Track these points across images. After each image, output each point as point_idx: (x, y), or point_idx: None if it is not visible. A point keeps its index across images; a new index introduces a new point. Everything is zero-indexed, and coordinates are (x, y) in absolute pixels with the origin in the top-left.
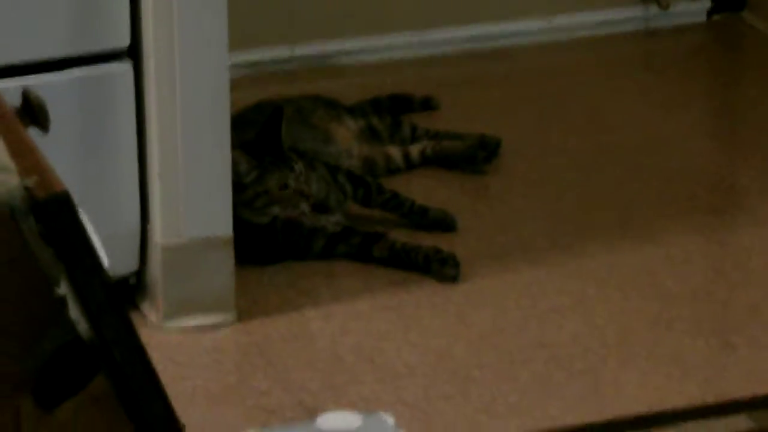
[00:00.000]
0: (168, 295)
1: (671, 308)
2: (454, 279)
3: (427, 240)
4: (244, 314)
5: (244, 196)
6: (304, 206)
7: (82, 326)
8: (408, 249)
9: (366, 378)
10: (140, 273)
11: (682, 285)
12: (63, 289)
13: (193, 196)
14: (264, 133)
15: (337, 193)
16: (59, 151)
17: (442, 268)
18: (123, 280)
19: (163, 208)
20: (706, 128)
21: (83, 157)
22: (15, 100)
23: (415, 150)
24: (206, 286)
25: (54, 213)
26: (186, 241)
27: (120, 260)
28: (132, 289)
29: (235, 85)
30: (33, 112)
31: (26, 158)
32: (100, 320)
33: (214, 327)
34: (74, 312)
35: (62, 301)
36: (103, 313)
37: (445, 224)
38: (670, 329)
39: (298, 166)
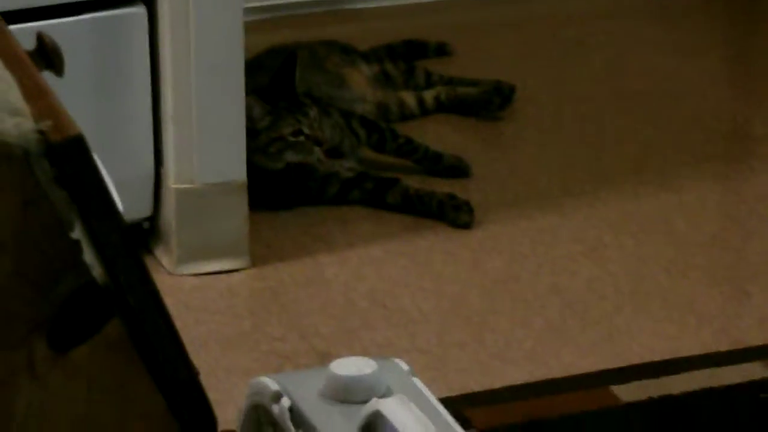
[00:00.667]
0: (182, 240)
1: (686, 256)
2: (468, 225)
3: (440, 186)
4: (257, 260)
5: (258, 141)
6: (318, 152)
7: (97, 270)
8: (422, 195)
9: (380, 324)
10: (154, 218)
11: (697, 232)
12: (77, 233)
13: (206, 141)
14: (278, 78)
15: (350, 138)
16: (73, 95)
17: (456, 214)
18: (137, 225)
19: (177, 153)
20: (722, 76)
21: (97, 100)
22: (30, 44)
23: (429, 96)
24: (220, 231)
25: (68, 156)
26: (200, 186)
27: (134, 205)
28: (146, 234)
29: (249, 29)
30: (47, 55)
31: (40, 102)
32: (114, 264)
33: (228, 272)
34: (89, 256)
35: (77, 245)
36: (118, 257)
37: (459, 170)
38: (684, 277)
39: (313, 112)
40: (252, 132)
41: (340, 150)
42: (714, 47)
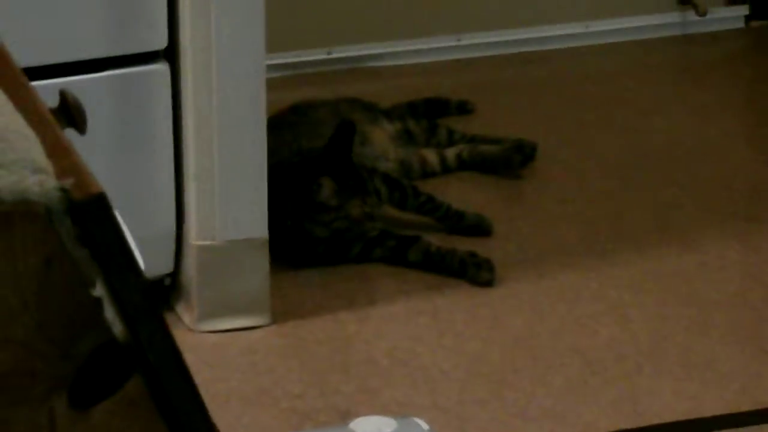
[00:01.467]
0: (203, 296)
1: (707, 315)
2: (489, 283)
3: (462, 244)
4: (278, 317)
5: (322, 216)
6: (368, 226)
7: (118, 328)
8: (443, 253)
9: (400, 382)
10: (175, 274)
11: (718, 292)
12: (99, 290)
13: (228, 198)
14: (334, 145)
15: (373, 197)
16: (96, 152)
17: (477, 272)
18: (158, 282)
19: (199, 210)
20: (743, 135)
21: (120, 157)
22: (53, 101)
23: (451, 153)
24: (241, 288)
25: (90, 214)
26: (221, 243)
27: (155, 261)
28: (167, 291)
29: (271, 86)
30: (70, 112)
31: (63, 159)
32: (135, 322)
33: (249, 329)
34: (110, 313)
35: (98, 303)
36: (139, 315)
37: (481, 229)
38: (705, 336)
39: (371, 186)
40: (317, 206)
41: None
42: (736, 106)
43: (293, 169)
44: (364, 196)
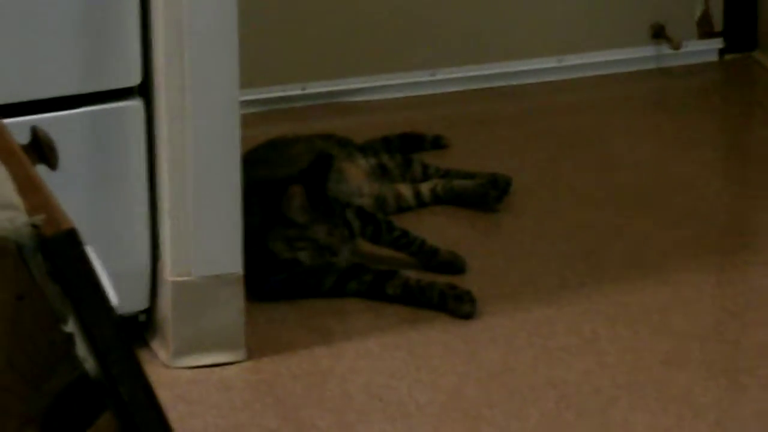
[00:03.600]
0: (178, 332)
1: (682, 348)
2: (470, 315)
3: (438, 278)
4: (254, 352)
5: (288, 231)
6: (332, 259)
7: (90, 363)
8: (423, 286)
9: (376, 417)
10: (150, 310)
11: (693, 325)
12: (70, 326)
13: (203, 234)
14: (309, 176)
15: (342, 229)
16: (72, 188)
17: (458, 305)
18: (133, 318)
19: (173, 246)
20: (717, 168)
21: (95, 193)
22: (24, 138)
23: (426, 188)
24: (216, 323)
25: (61, 250)
26: (196, 279)
27: (130, 298)
28: (142, 327)
29: (246, 122)
30: (41, 149)
31: (34, 196)
32: (107, 358)
33: (224, 365)
34: (81, 349)
35: (70, 339)
36: (111, 351)
37: (454, 267)
38: (680, 369)
39: (339, 221)
40: (284, 220)
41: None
42: (709, 140)
43: (265, 185)
44: (332, 227)
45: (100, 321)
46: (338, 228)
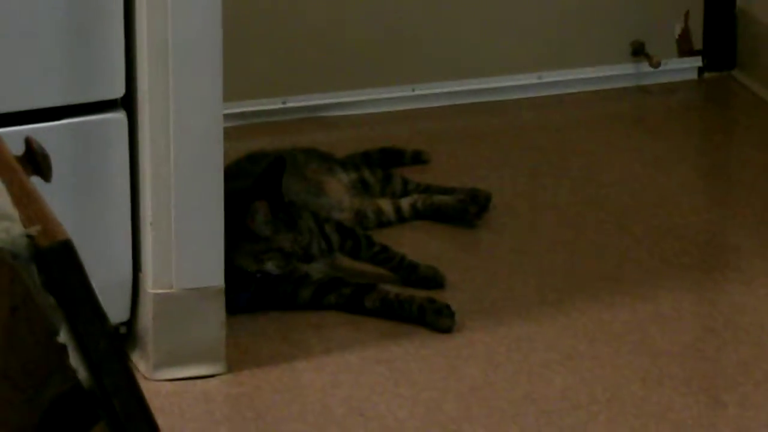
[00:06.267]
0: (158, 345)
1: (661, 365)
2: (449, 329)
3: (418, 293)
4: (234, 365)
5: (255, 246)
6: (294, 263)
7: (83, 374)
8: (402, 300)
9: (356, 431)
10: (131, 322)
11: (673, 342)
12: (63, 337)
13: (185, 247)
14: (263, 181)
15: (320, 241)
16: (53, 199)
17: (437, 319)
18: (114, 330)
19: (155, 258)
20: (697, 185)
21: (77, 205)
22: (17, 148)
23: (406, 203)
24: (197, 336)
25: (56, 262)
26: (178, 291)
27: (111, 309)
28: (122, 339)
29: (226, 135)
30: (36, 160)
31: (29, 207)
32: (100, 368)
33: (205, 378)
34: (74, 360)
35: (63, 349)
36: (104, 362)
37: (434, 282)
38: (660, 386)
39: (305, 226)
40: (250, 235)
41: (309, 253)
42: (689, 157)
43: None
44: (296, 233)
45: (94, 332)
46: (302, 234)
